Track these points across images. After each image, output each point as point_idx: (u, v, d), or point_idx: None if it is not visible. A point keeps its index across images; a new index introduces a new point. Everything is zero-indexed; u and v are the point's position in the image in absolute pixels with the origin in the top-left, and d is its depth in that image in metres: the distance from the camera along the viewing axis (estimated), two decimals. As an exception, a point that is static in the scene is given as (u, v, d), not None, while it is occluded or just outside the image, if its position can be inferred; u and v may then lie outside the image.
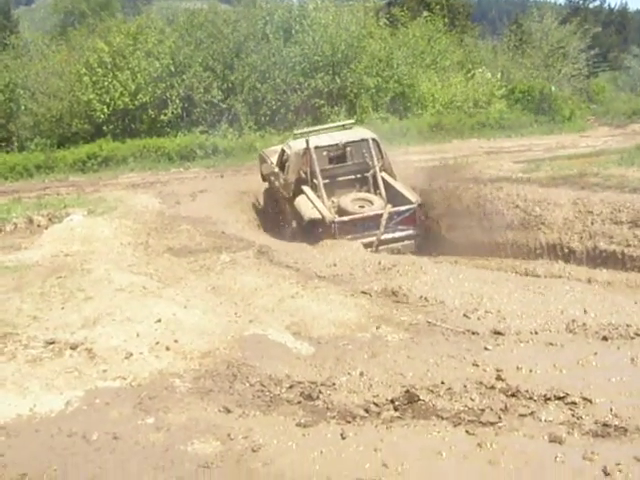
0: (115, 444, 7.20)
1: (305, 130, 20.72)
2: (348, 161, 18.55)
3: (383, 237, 16.60)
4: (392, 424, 7.47)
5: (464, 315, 10.69)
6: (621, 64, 55.61)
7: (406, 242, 16.82)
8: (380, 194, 17.70)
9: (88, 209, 19.15)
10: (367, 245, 16.22)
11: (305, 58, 36.09)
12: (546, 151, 28.63)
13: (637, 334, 9.41)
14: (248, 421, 7.68)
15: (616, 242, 15.44)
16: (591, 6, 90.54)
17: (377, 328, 10.27)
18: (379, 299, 11.78)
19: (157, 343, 9.52)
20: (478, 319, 10.50)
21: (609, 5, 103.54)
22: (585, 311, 10.36)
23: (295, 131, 21.01)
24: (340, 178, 18.31)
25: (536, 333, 9.79)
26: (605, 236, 15.66)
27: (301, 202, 17.36)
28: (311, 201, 17.17)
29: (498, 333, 9.88)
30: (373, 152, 18.29)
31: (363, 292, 12.11)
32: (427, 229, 17.46)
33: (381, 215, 16.76)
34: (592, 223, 15.95)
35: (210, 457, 6.94)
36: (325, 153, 18.35)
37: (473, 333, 9.99)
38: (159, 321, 10.13)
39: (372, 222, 16.66)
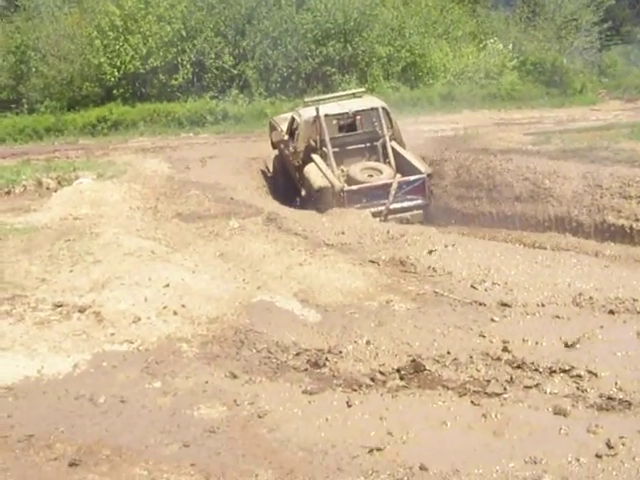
0: (122, 407, 7.26)
1: (315, 98, 20.62)
2: (358, 130, 18.50)
3: (392, 206, 16.54)
4: (398, 393, 7.52)
5: (471, 286, 10.70)
6: (634, 38, 55.08)
7: (415, 212, 16.71)
8: (389, 163, 17.65)
9: (97, 173, 19.14)
10: (376, 214, 16.15)
11: (317, 25, 35.88)
12: (556, 124, 28.47)
13: (644, 308, 9.42)
14: (254, 387, 7.74)
15: (624, 216, 15.44)
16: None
17: (387, 302, 10.28)
18: (387, 268, 11.79)
19: (165, 308, 9.57)
20: (485, 290, 10.51)
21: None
22: (592, 284, 10.36)
23: (305, 99, 20.93)
24: (349, 147, 18.25)
25: (543, 306, 9.80)
26: (614, 210, 15.66)
27: (311, 170, 17.33)
28: (320, 169, 17.13)
29: (505, 305, 9.88)
30: (383, 121, 18.21)
31: (371, 261, 12.12)
32: (436, 199, 17.40)
33: (390, 184, 16.68)
34: (601, 197, 15.93)
35: (216, 422, 7.00)
36: (335, 121, 18.31)
37: (480, 304, 9.99)
38: (167, 286, 10.16)
39: (381, 191, 16.60)
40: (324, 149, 17.60)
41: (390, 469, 6.15)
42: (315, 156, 17.64)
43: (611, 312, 9.41)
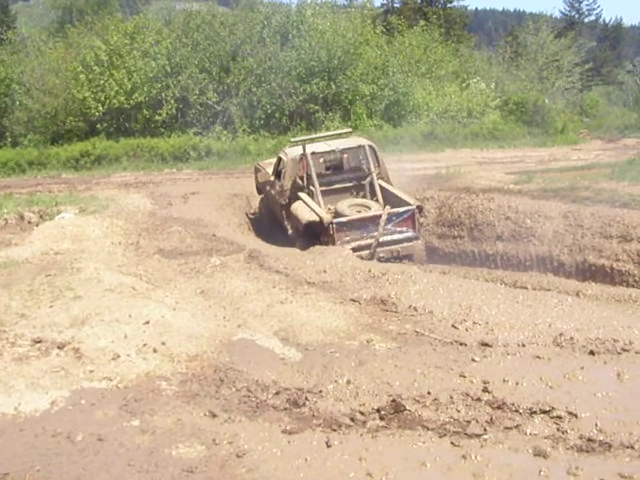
0: (100, 445, 7.18)
1: (302, 138, 20.73)
2: (345, 167, 18.53)
3: (382, 239, 16.56)
4: (377, 433, 7.47)
5: (452, 326, 10.69)
6: (614, 79, 55.89)
7: (405, 244, 16.73)
8: (377, 200, 17.69)
9: (80, 207, 19.13)
10: (365, 247, 16.26)
11: (301, 63, 36.18)
12: (538, 163, 28.71)
13: (624, 349, 9.42)
14: (234, 426, 7.67)
15: (605, 256, 15.54)
16: (586, 20, 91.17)
17: (368, 342, 10.25)
18: (368, 307, 11.77)
19: (145, 345, 9.50)
20: (466, 330, 10.50)
21: (604, 20, 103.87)
22: (573, 325, 10.37)
23: (292, 139, 21.02)
24: (336, 185, 18.33)
25: (523, 346, 9.79)
26: (595, 250, 15.76)
27: (298, 207, 17.39)
28: (308, 205, 17.19)
29: (486, 345, 9.87)
30: (370, 159, 18.29)
31: (352, 300, 12.10)
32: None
33: (379, 216, 16.68)
34: (582, 237, 16.05)
35: (194, 461, 6.92)
36: (322, 160, 18.37)
37: (461, 344, 9.98)
38: (147, 323, 10.12)
39: (370, 223, 16.63)
40: (311, 187, 17.64)
41: (370, 510, 6.11)
42: (302, 194, 17.67)
43: (592, 353, 9.41)
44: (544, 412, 7.70)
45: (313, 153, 18.02)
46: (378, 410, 8.03)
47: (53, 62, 37.43)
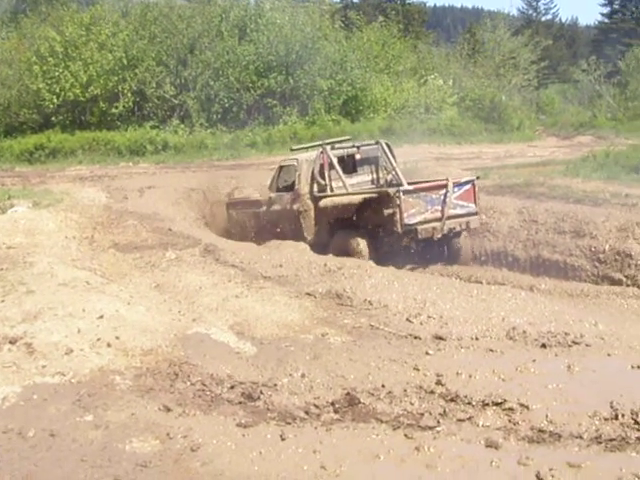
0: (52, 441, 7.14)
1: (303, 146, 20.62)
2: (358, 170, 18.14)
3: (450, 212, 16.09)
4: (332, 426, 7.49)
5: (407, 319, 10.74)
6: (570, 77, 56.37)
7: (465, 219, 16.37)
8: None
9: (33, 201, 18.92)
10: (433, 220, 15.91)
11: (259, 57, 36.14)
12: (494, 159, 28.93)
13: (575, 342, 9.54)
14: (188, 420, 7.66)
15: (559, 251, 15.69)
16: (543, 19, 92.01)
17: (323, 336, 10.28)
18: (323, 301, 11.80)
19: (99, 339, 9.47)
20: (421, 324, 10.56)
21: (560, 19, 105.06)
22: (526, 319, 10.48)
23: (292, 147, 20.87)
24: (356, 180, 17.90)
25: (477, 339, 9.87)
26: (549, 245, 15.91)
27: (334, 199, 16.95)
28: (345, 192, 16.90)
29: (440, 338, 9.94)
30: (389, 155, 18.10)
31: (308, 294, 12.12)
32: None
33: (445, 185, 16.14)
34: (536, 232, 16.20)
35: (148, 456, 6.90)
36: (339, 157, 17.71)
37: (415, 337, 10.04)
38: (101, 317, 10.08)
39: (435, 194, 16.06)
40: (332, 184, 17.21)
41: (323, 502, 6.13)
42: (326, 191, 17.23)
43: (543, 346, 9.52)
44: (496, 404, 7.77)
45: (332, 148, 17.70)
46: (332, 403, 8.06)
47: (6, 53, 36.99)
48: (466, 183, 16.51)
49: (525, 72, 50.87)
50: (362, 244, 15.95)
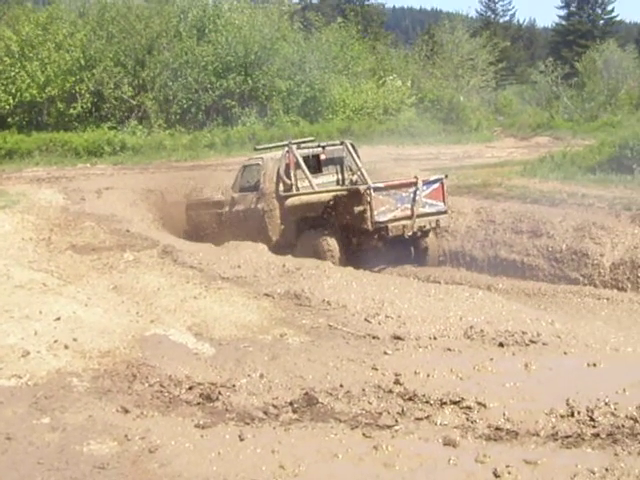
0: (8, 444, 7.08)
1: (267, 145, 20.56)
2: (323, 170, 18.06)
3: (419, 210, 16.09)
4: (290, 426, 7.51)
5: (365, 319, 10.79)
6: (528, 78, 56.83)
7: (434, 217, 16.36)
8: None
9: (-11, 203, 18.76)
10: (403, 218, 15.88)
11: (218, 58, 36.06)
12: (453, 160, 29.08)
13: (532, 341, 9.64)
14: (146, 422, 7.65)
15: (516, 251, 15.82)
16: (501, 21, 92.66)
17: (281, 336, 10.28)
18: (282, 302, 11.82)
19: (56, 341, 9.41)
20: (379, 324, 10.61)
21: (518, 21, 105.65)
22: (483, 318, 10.56)
23: (256, 146, 20.79)
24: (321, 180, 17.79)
25: (435, 339, 9.94)
26: (506, 245, 16.04)
27: (301, 197, 16.85)
28: (311, 191, 16.79)
29: (398, 338, 9.99)
30: (354, 155, 18.10)
31: (266, 294, 12.14)
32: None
33: (414, 183, 16.20)
34: (494, 232, 16.31)
35: (106, 458, 6.88)
36: (304, 156, 17.59)
37: (373, 337, 10.09)
38: (58, 319, 10.03)
39: (404, 192, 16.08)
40: (299, 183, 17.09)
41: (281, 502, 6.14)
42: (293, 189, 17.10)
43: (501, 345, 9.61)
44: (454, 403, 7.83)
45: (298, 147, 17.61)
46: (291, 403, 8.08)
47: (-41, 51, 36.54)
48: (435, 181, 16.57)
49: (483, 73, 51.28)
50: (332, 243, 15.93)
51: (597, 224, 15.49)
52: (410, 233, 16.01)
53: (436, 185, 16.48)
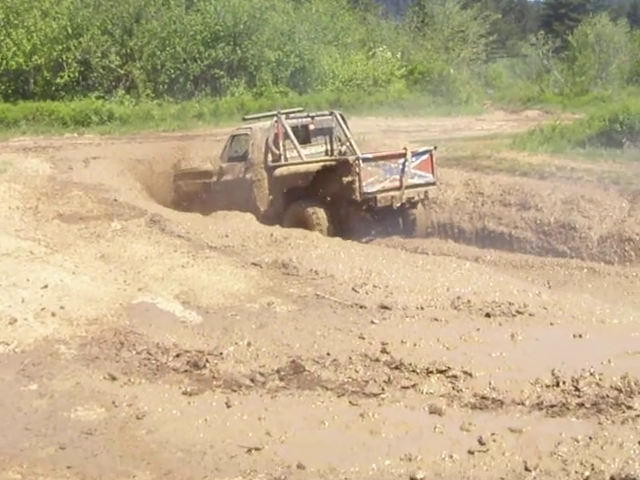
0: (-4, 411, 7.11)
1: (256, 115, 20.51)
2: (317, 136, 18.11)
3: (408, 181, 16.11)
4: (277, 394, 7.55)
5: (353, 289, 10.82)
6: (518, 51, 56.67)
7: (423, 189, 16.39)
8: None
9: (-25, 172, 18.66)
10: (392, 189, 15.92)
11: (206, 27, 35.81)
12: (442, 132, 29.03)
13: (519, 312, 9.67)
14: (133, 389, 7.69)
15: (504, 224, 15.87)
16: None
17: (268, 305, 10.31)
18: (269, 271, 11.85)
19: (43, 309, 9.42)
20: (366, 293, 10.64)
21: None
22: (470, 289, 10.59)
23: (245, 116, 20.74)
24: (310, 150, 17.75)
25: (422, 309, 9.97)
26: (494, 217, 16.07)
27: (290, 167, 16.81)
28: (300, 161, 16.79)
29: (385, 307, 10.02)
30: (343, 126, 18.07)
31: (254, 264, 12.16)
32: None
33: (403, 154, 16.22)
34: (482, 204, 16.35)
35: (93, 424, 6.92)
36: (293, 126, 17.59)
37: (361, 307, 10.12)
38: (46, 287, 10.02)
39: (393, 164, 16.11)
40: (287, 153, 17.06)
41: (268, 468, 6.16)
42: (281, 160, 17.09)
43: (487, 315, 9.64)
44: (440, 372, 7.86)
45: (287, 117, 17.60)
46: (278, 371, 8.12)
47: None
48: (424, 153, 16.60)
49: (474, 46, 51.04)
50: (320, 214, 15.92)
51: (585, 197, 15.55)
52: (399, 204, 16.02)
53: (425, 157, 16.48)
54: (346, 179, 15.64)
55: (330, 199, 16.20)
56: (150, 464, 6.28)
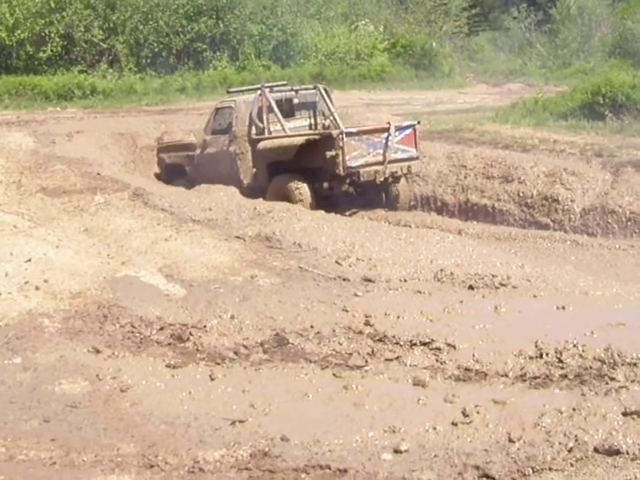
0: (-20, 384, 7.12)
1: (240, 88, 20.41)
2: (301, 110, 18.02)
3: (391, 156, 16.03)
4: (261, 366, 7.58)
5: (336, 262, 10.84)
6: (501, 25, 56.39)
7: (406, 163, 16.31)
8: None
9: (-43, 146, 18.55)
10: (375, 164, 15.84)
11: (189, 1, 35.54)
12: (425, 106, 28.98)
13: (502, 284, 9.70)
14: (117, 362, 7.70)
15: (487, 196, 15.90)
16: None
17: (252, 278, 10.31)
18: (253, 244, 11.86)
19: (26, 283, 9.40)
20: (349, 266, 10.66)
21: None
22: (453, 261, 10.63)
23: (229, 89, 20.67)
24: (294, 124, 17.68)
25: (405, 281, 10.01)
26: (477, 190, 16.09)
27: (273, 140, 16.72)
28: (286, 132, 16.73)
29: (368, 280, 10.05)
30: (327, 100, 18.03)
31: (237, 237, 12.16)
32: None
33: (387, 129, 16.12)
34: (465, 177, 16.36)
35: (78, 397, 6.94)
36: (277, 100, 17.43)
37: (344, 279, 10.14)
38: (29, 261, 9.99)
39: (376, 138, 16.03)
40: (271, 126, 16.96)
41: (252, 440, 6.19)
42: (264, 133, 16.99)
43: (471, 287, 9.68)
44: (424, 344, 7.90)
45: (271, 91, 17.48)
46: (262, 344, 8.14)
47: None
48: (407, 127, 16.52)
49: (456, 19, 50.83)
50: (302, 188, 15.90)
51: (568, 170, 15.60)
52: (382, 179, 16.00)
53: (408, 131, 16.42)
54: (329, 153, 15.58)
55: (313, 173, 16.15)
56: (134, 437, 6.30)
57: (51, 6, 33.83)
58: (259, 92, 17.14)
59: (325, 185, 16.24)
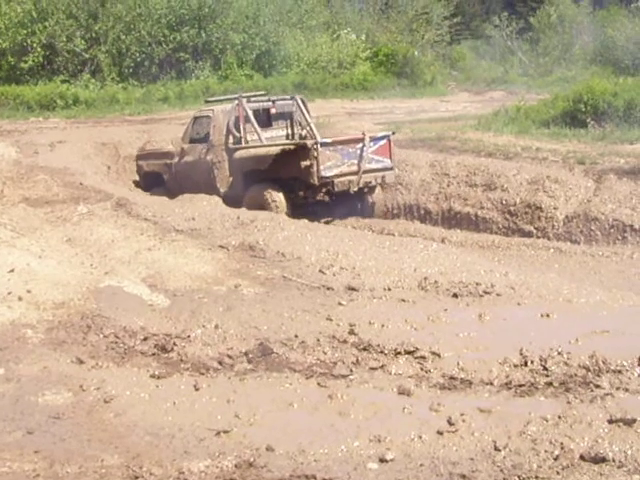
0: (-38, 395, 7.06)
1: (218, 98, 20.55)
2: (273, 124, 18.15)
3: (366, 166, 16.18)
4: (245, 376, 7.56)
5: (320, 271, 10.85)
6: (482, 33, 56.58)
7: (381, 174, 16.50)
8: None
9: (-61, 156, 18.47)
10: (349, 174, 15.99)
11: (171, 11, 35.56)
12: (407, 114, 29.05)
13: (486, 292, 9.73)
14: (101, 372, 7.66)
15: (470, 204, 15.93)
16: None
17: (236, 287, 10.30)
18: (236, 253, 11.86)
19: (9, 293, 9.36)
20: (333, 275, 10.67)
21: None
22: (437, 269, 10.64)
23: (207, 99, 20.77)
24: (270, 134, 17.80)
25: (389, 290, 10.01)
26: (460, 198, 16.13)
27: (249, 150, 16.86)
28: (260, 144, 16.84)
29: (352, 289, 10.06)
30: (304, 110, 18.08)
31: (220, 246, 12.16)
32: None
33: (362, 139, 16.30)
34: (448, 185, 16.39)
35: (61, 408, 6.89)
36: (255, 110, 17.60)
37: (328, 288, 10.15)
38: (12, 271, 9.95)
39: (351, 148, 16.19)
40: (248, 136, 17.10)
41: (237, 450, 6.16)
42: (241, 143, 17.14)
43: (455, 295, 9.71)
44: (408, 353, 7.90)
45: (248, 101, 17.57)
46: (246, 353, 8.13)
47: None
48: (382, 138, 16.65)
49: (438, 27, 50.96)
50: (278, 197, 15.96)
51: (551, 177, 15.66)
52: (356, 189, 16.19)
53: (383, 142, 16.59)
54: (304, 163, 15.74)
55: (289, 182, 16.25)
56: (118, 448, 6.26)
57: (33, 16, 33.82)
58: (236, 102, 17.22)
59: (300, 194, 16.31)
